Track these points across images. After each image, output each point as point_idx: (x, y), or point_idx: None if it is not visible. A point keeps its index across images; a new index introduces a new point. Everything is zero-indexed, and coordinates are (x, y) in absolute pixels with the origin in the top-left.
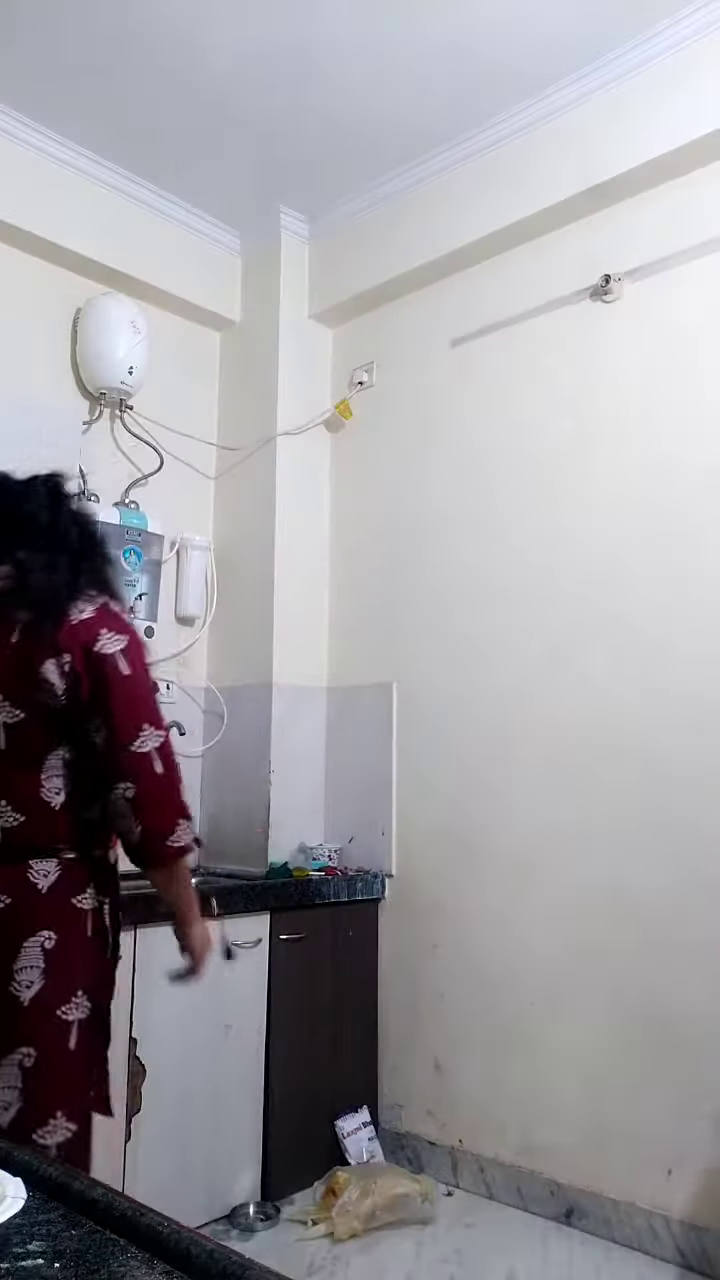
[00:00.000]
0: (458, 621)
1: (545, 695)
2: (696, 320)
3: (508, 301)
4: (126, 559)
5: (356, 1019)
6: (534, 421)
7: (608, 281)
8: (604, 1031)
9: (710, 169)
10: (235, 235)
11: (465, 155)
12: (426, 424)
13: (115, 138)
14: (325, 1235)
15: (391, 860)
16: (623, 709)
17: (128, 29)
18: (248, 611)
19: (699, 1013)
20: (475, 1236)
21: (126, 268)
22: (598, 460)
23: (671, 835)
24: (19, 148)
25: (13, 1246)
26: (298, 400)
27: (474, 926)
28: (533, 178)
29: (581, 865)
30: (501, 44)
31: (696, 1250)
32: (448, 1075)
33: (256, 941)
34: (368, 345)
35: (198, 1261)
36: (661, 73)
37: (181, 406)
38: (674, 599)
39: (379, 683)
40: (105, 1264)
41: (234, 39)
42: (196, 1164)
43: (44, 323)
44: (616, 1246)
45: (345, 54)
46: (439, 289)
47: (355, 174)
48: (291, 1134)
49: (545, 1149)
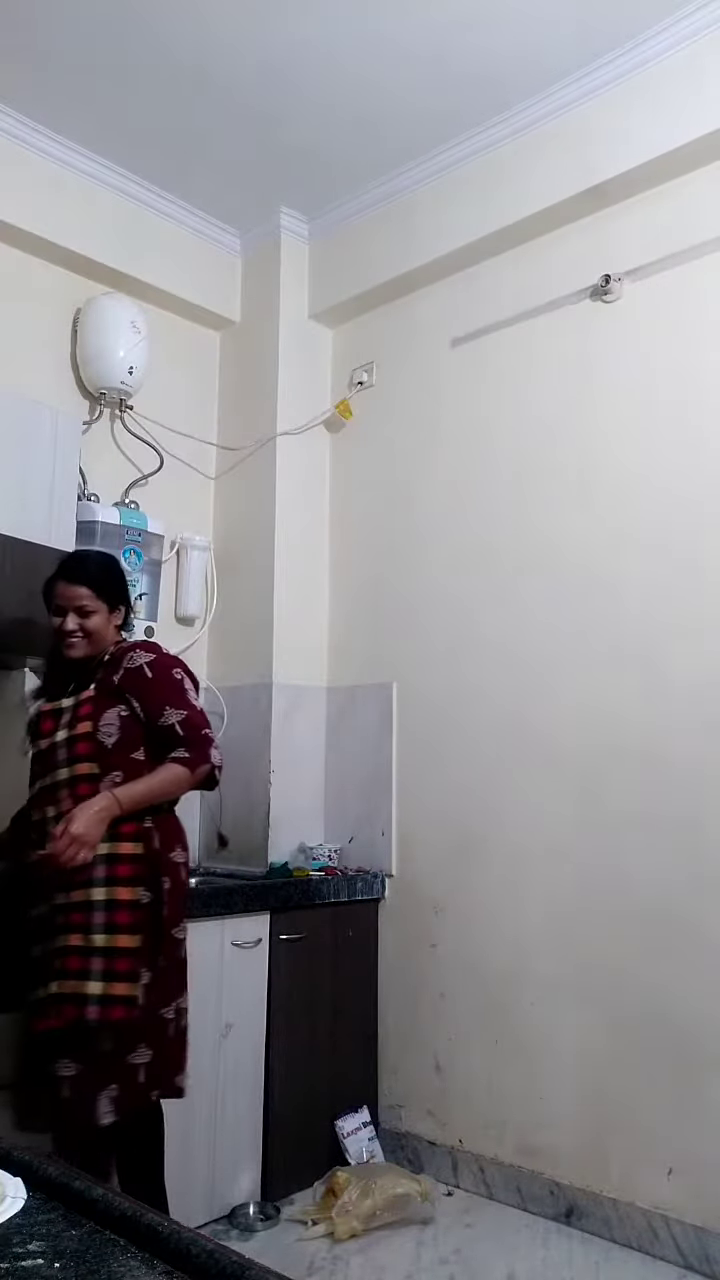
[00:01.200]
0: (457, 621)
1: (545, 695)
2: (696, 320)
3: (508, 301)
4: (126, 559)
5: (356, 1019)
6: (534, 421)
7: (608, 281)
8: (604, 1031)
9: (710, 169)
10: (235, 235)
11: (465, 155)
12: (426, 424)
13: (115, 138)
14: (325, 1235)
15: (391, 860)
16: (623, 708)
17: (128, 30)
18: (248, 611)
19: (699, 1012)
20: (475, 1236)
21: (126, 268)
22: (598, 459)
23: (671, 835)
24: (19, 148)
25: (13, 1246)
26: (298, 400)
27: (474, 926)
28: (533, 178)
29: (581, 865)
30: (501, 44)
31: (696, 1250)
32: (448, 1075)
33: (256, 941)
34: (368, 345)
35: (198, 1261)
36: (661, 73)
37: (181, 406)
38: (675, 598)
39: (379, 683)
40: (105, 1264)
41: (234, 39)
42: (196, 1164)
43: (44, 323)
44: (616, 1246)
45: (345, 54)
46: (439, 289)
47: (355, 174)
48: (291, 1134)
49: (545, 1149)
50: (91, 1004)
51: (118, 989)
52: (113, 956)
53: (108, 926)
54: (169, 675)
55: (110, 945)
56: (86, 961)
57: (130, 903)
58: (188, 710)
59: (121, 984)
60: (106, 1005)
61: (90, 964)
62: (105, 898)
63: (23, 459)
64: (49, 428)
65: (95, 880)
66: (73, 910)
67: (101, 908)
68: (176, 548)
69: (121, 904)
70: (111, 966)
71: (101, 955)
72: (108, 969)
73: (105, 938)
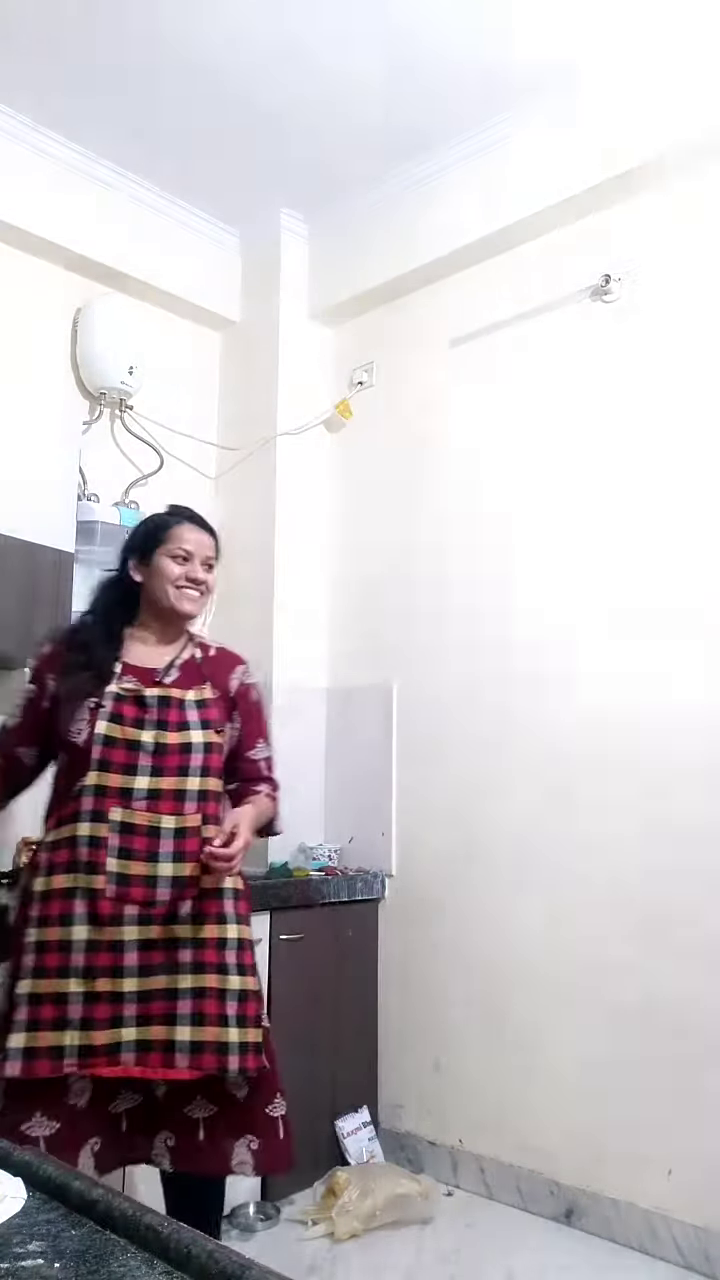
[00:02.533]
0: (458, 621)
1: (545, 694)
2: (696, 320)
3: (508, 301)
4: None
5: (356, 1019)
6: (534, 421)
7: (608, 281)
8: (604, 1031)
9: (713, 168)
10: (235, 235)
11: (465, 155)
12: (426, 424)
13: (116, 138)
14: (325, 1235)
15: (391, 860)
16: (623, 708)
17: (128, 30)
18: (248, 611)
19: (699, 1012)
20: (475, 1236)
21: (126, 268)
22: (597, 459)
23: (671, 834)
24: (19, 148)
25: (13, 1246)
26: (298, 400)
27: (474, 926)
28: (533, 178)
29: (581, 864)
30: (501, 44)
31: (696, 1250)
32: (447, 1075)
33: (257, 941)
34: (368, 345)
35: (198, 1261)
36: (663, 71)
37: (181, 406)
38: (675, 597)
39: (379, 683)
40: (105, 1264)
41: (234, 39)
42: None
43: (44, 323)
44: (616, 1246)
45: (345, 54)
46: (439, 289)
47: (355, 174)
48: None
49: (545, 1149)
50: (232, 1052)
51: (252, 1035)
52: (246, 1000)
53: (240, 967)
54: (264, 707)
55: (243, 989)
56: (224, 1006)
57: (248, 943)
58: (271, 751)
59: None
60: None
61: (227, 1009)
62: (237, 936)
63: (23, 459)
64: (49, 428)
65: (228, 916)
66: (208, 947)
67: (234, 946)
68: None
69: (246, 944)
70: (244, 1011)
71: (238, 1000)
72: (241, 1013)
73: (240, 979)
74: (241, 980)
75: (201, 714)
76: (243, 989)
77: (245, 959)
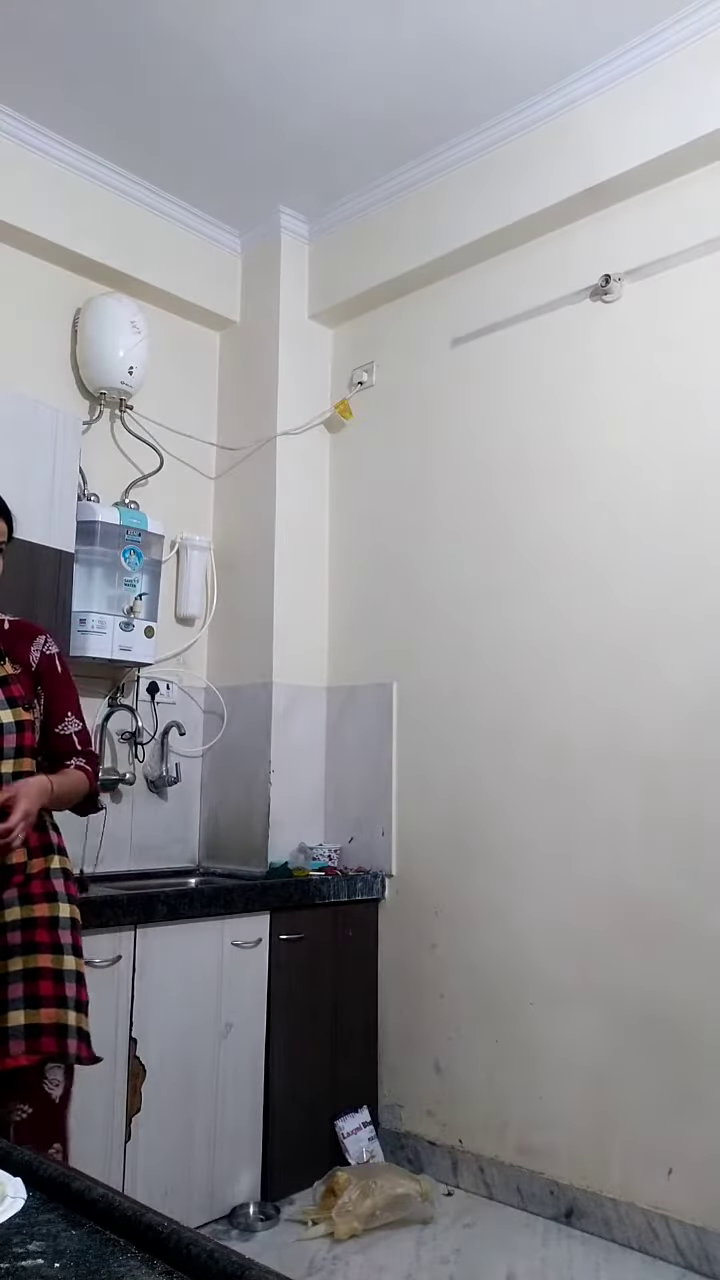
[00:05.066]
0: (458, 621)
1: (545, 694)
2: (696, 320)
3: (508, 301)
4: (126, 559)
5: (356, 1019)
6: (534, 421)
7: (608, 281)
8: (604, 1031)
9: (710, 169)
10: (235, 235)
11: (465, 155)
12: (426, 424)
13: (115, 138)
14: (325, 1235)
15: (391, 860)
16: (622, 708)
17: (128, 30)
18: (248, 611)
19: (699, 1012)
20: (475, 1236)
21: (126, 268)
22: (597, 460)
23: (671, 834)
24: (20, 148)
25: (13, 1246)
26: (298, 400)
27: (474, 926)
28: (533, 178)
29: (581, 864)
30: (501, 43)
31: (696, 1250)
32: (448, 1075)
33: (256, 941)
34: (368, 345)
35: (198, 1261)
36: (661, 73)
37: (181, 406)
38: (673, 597)
39: (379, 683)
40: (105, 1264)
41: (234, 39)
42: (196, 1164)
43: (44, 323)
44: (616, 1246)
45: (345, 54)
46: (439, 289)
47: (355, 174)
48: (291, 1134)
49: (545, 1149)
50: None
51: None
52: (81, 984)
53: (75, 948)
54: (71, 676)
55: (78, 970)
56: (61, 987)
57: (79, 924)
58: (83, 722)
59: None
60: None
61: (65, 990)
62: (69, 915)
63: (23, 459)
64: (49, 428)
65: (58, 895)
66: (39, 926)
67: (68, 925)
68: (176, 548)
69: (78, 925)
70: (79, 995)
71: (75, 982)
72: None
73: (74, 960)
74: (75, 961)
75: (5, 692)
76: (77, 970)
77: (77, 940)
